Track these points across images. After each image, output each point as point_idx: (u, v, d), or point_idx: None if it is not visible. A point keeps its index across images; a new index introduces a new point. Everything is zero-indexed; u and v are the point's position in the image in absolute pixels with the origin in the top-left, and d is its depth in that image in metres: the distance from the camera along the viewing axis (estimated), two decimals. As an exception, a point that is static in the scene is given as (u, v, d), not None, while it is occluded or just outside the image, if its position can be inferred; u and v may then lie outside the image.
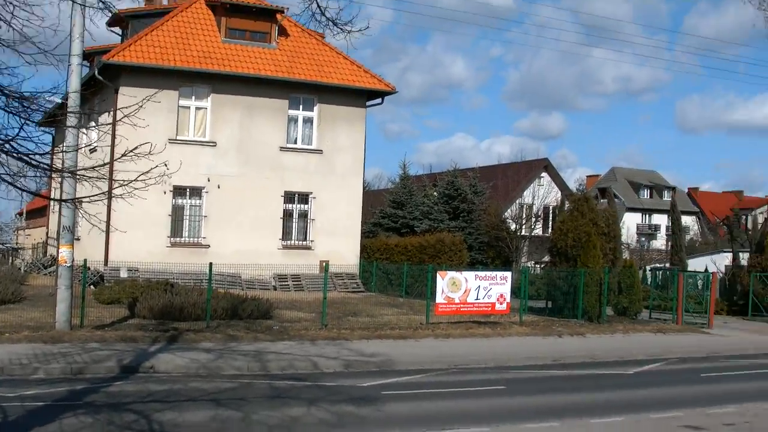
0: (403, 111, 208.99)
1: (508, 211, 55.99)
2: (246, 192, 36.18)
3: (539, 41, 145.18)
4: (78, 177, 11.03)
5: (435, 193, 54.64)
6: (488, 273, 28.22)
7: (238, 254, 34.84)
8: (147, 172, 10.14)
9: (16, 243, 69.86)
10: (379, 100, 40.01)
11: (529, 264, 51.24)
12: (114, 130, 13.26)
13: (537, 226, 57.82)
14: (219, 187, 35.66)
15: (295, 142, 37.88)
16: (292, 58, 37.80)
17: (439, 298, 25.82)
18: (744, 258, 44.95)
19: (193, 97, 35.88)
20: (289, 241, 37.53)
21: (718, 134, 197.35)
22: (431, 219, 50.53)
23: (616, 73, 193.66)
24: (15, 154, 8.83)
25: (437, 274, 26.29)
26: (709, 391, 18.01)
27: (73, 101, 19.35)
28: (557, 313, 30.90)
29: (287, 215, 37.64)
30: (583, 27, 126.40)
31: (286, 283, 36.12)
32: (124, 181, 10.23)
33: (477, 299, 26.50)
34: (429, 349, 21.58)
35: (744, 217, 78.61)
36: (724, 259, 50.69)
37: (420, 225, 50.03)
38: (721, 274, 41.80)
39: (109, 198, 11.21)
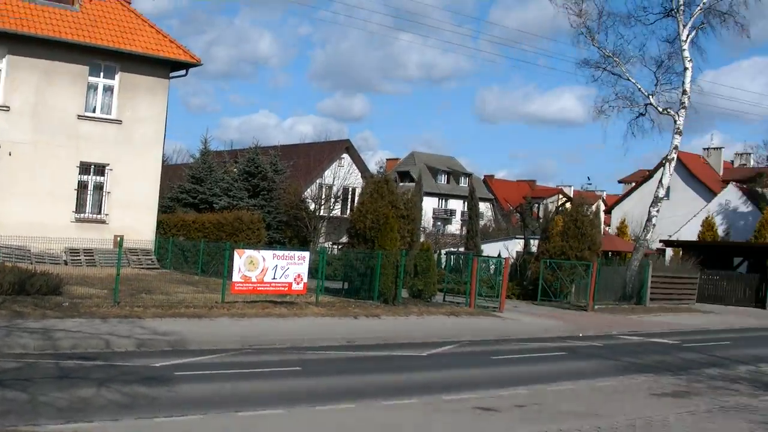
0: (207, 85, 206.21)
1: (308, 190, 56.00)
2: (39, 160, 34.66)
3: (348, 21, 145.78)
4: None
5: (235, 169, 54.10)
6: (286, 252, 28.01)
7: (29, 226, 33.42)
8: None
9: None
10: (183, 72, 39.08)
11: (326, 244, 51.44)
12: None
13: (336, 207, 58.13)
14: (10, 155, 33.98)
15: (94, 111, 36.53)
16: (95, 22, 36.39)
17: (236, 277, 25.43)
18: (534, 244, 46.59)
19: (-14, 58, 34.06)
20: (83, 214, 36.25)
21: (515, 124, 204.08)
22: (230, 196, 50.04)
23: (420, 59, 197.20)
24: None
25: (234, 252, 25.89)
26: (501, 373, 18.50)
27: None
28: (354, 295, 31.09)
29: (82, 187, 36.31)
30: (392, 10, 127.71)
31: (78, 257, 34.91)
32: None
33: (274, 279, 26.26)
34: (224, 329, 21.26)
35: (536, 205, 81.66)
36: (516, 245, 52.55)
37: (219, 202, 49.44)
38: (512, 260, 43.16)
39: None
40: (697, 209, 68.04)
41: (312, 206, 52.87)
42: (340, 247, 48.84)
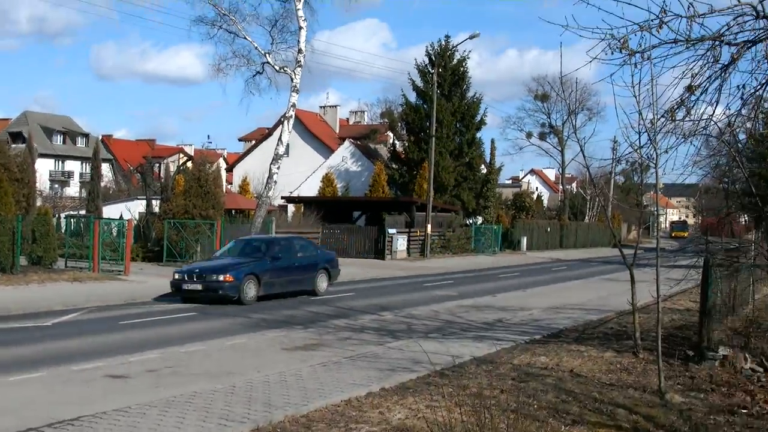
0: None
1: None
2: None
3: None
4: None
5: None
6: None
7: None
8: None
9: None
10: None
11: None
12: None
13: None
14: None
15: None
16: None
17: None
18: (157, 205, 45.90)
19: None
20: None
21: (133, 82, 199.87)
22: None
23: (30, 13, 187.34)
24: None
25: None
26: (131, 338, 17.93)
27: None
28: (-34, 265, 29.10)
29: None
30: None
31: None
32: None
33: None
34: None
35: (156, 165, 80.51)
36: (138, 206, 51.40)
37: None
38: (135, 221, 42.15)
39: None
40: (316, 165, 70.24)
41: None
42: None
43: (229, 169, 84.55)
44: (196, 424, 10.06)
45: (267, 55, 42.79)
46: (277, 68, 42.85)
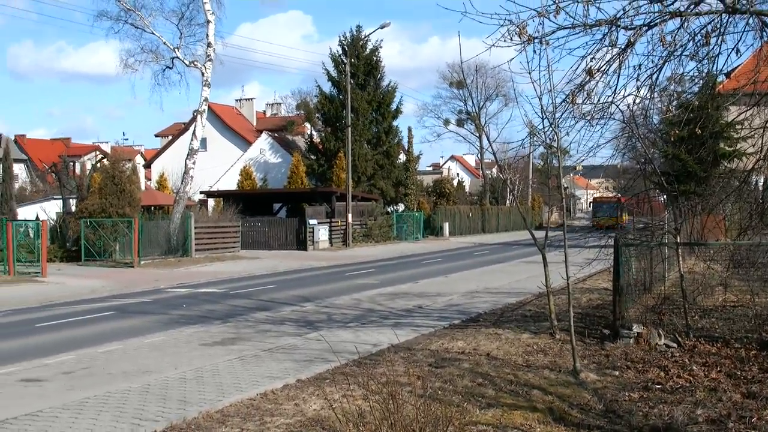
0: None
1: None
2: None
3: None
4: None
5: None
6: None
7: None
8: None
9: None
10: None
11: None
12: None
13: None
14: None
15: None
16: None
17: None
18: (74, 204, 45.21)
19: None
20: None
21: (50, 81, 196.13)
22: None
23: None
24: None
25: None
26: (46, 341, 17.67)
27: None
28: None
29: None
30: None
31: None
32: None
33: None
34: None
35: (72, 163, 79.16)
36: (54, 206, 50.50)
37: None
38: (52, 222, 41.46)
39: None
40: (234, 159, 69.76)
41: None
42: None
43: (147, 166, 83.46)
44: (109, 425, 9.98)
45: (176, 49, 42.42)
46: (187, 63, 42.54)
